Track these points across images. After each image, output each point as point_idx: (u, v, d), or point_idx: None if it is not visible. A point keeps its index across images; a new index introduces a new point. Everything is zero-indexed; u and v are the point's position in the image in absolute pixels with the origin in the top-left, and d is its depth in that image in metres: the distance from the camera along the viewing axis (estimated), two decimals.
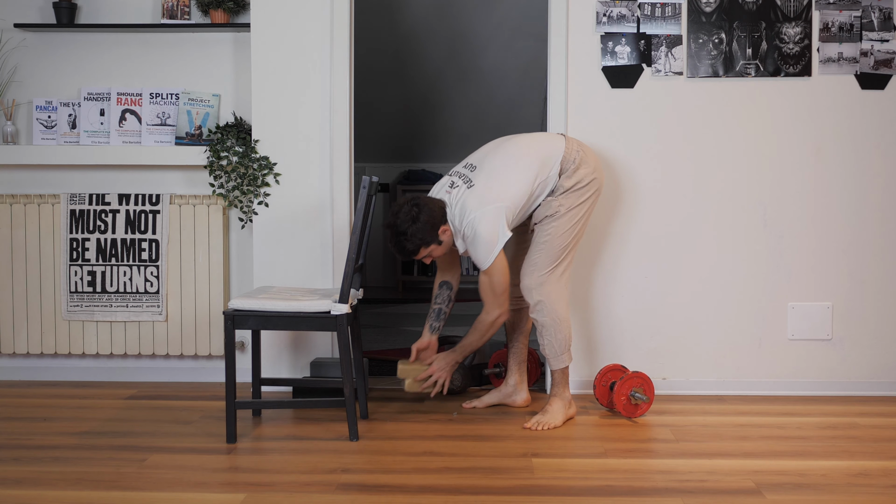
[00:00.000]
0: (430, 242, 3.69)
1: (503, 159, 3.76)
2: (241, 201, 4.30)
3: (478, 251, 3.66)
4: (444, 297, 3.96)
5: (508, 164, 3.73)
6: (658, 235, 4.24)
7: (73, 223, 4.41)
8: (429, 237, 3.67)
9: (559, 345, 3.79)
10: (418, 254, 3.70)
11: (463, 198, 3.69)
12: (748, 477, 3.17)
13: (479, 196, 3.66)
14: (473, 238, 3.65)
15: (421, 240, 3.66)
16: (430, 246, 3.70)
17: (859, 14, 4.14)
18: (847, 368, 4.25)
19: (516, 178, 3.70)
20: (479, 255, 3.66)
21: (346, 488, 3.06)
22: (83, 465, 3.29)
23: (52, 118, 4.40)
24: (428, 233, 3.66)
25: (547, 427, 3.71)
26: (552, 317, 3.76)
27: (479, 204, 3.65)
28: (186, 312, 4.40)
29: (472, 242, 3.66)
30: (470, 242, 3.67)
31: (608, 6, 4.16)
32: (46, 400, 4.18)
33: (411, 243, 3.67)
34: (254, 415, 3.90)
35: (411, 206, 3.66)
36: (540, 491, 3.04)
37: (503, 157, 3.77)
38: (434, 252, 3.73)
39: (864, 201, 4.21)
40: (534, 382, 4.30)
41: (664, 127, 4.21)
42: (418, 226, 3.64)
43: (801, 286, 4.24)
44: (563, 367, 3.81)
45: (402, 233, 3.65)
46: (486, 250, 3.64)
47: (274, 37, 4.24)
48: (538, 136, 3.95)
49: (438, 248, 3.73)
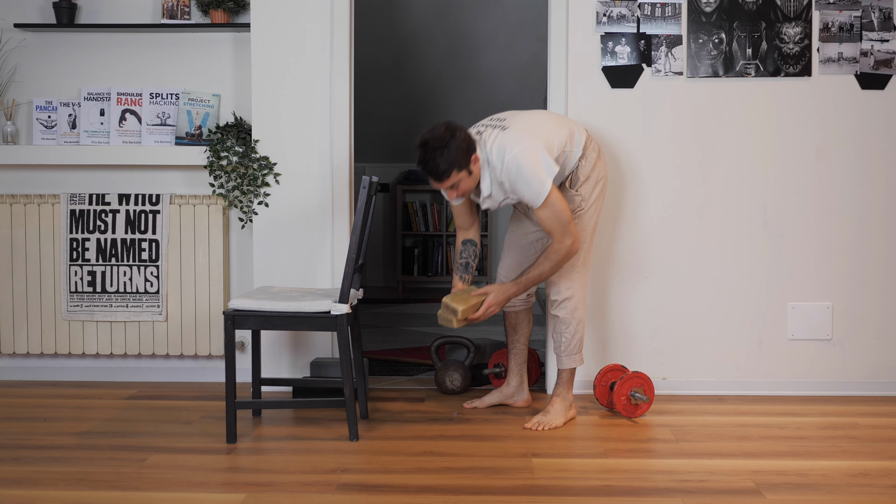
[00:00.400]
0: (462, 167, 3.46)
1: (535, 115, 3.70)
2: (241, 201, 4.30)
3: (529, 185, 3.46)
4: (470, 253, 3.82)
5: (540, 121, 3.66)
6: (658, 235, 4.24)
7: (73, 223, 4.41)
8: (463, 160, 3.45)
9: (576, 344, 3.79)
10: (449, 177, 3.46)
11: (499, 138, 3.52)
12: (748, 477, 3.17)
13: (517, 136, 3.50)
14: (518, 174, 3.45)
15: (455, 160, 3.43)
16: (461, 171, 3.47)
17: (859, 14, 4.14)
18: (847, 368, 4.26)
19: (549, 131, 3.59)
20: (531, 189, 3.46)
21: (346, 488, 3.06)
22: (83, 465, 3.29)
23: (52, 118, 4.40)
24: (462, 155, 3.44)
25: (548, 427, 3.71)
26: (576, 315, 3.77)
27: (519, 142, 3.48)
28: (186, 312, 4.40)
29: (518, 179, 3.46)
30: (516, 179, 3.47)
31: (608, 6, 4.16)
32: (46, 400, 4.18)
33: (445, 162, 3.42)
34: (254, 415, 3.90)
35: (447, 127, 3.45)
36: (540, 491, 3.04)
37: (534, 114, 3.71)
38: (462, 183, 3.51)
39: (865, 201, 4.21)
40: (534, 382, 4.30)
41: (664, 127, 4.21)
42: (455, 143, 3.42)
43: (801, 286, 4.24)
44: (574, 368, 3.82)
45: (437, 148, 3.41)
46: (538, 181, 3.45)
47: (274, 37, 4.25)
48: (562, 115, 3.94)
49: (467, 179, 3.50)
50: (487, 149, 3.54)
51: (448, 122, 3.51)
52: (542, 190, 3.46)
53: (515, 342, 4.01)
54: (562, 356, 3.82)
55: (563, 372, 3.83)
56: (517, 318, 3.99)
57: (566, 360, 3.81)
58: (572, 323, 3.78)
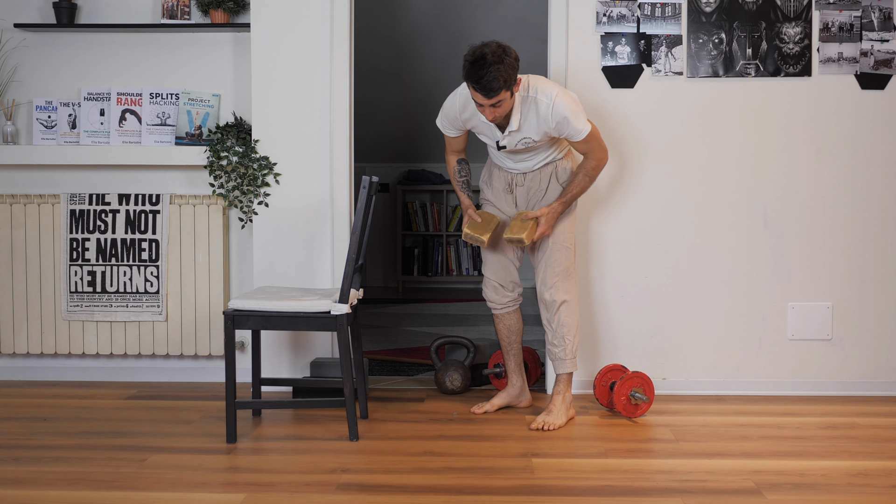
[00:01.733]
0: (510, 87, 3.48)
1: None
2: (241, 201, 4.30)
3: (575, 121, 3.60)
4: (466, 170, 3.97)
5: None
6: (658, 235, 4.24)
7: (73, 223, 4.41)
8: (513, 79, 3.48)
9: (575, 348, 3.84)
10: (499, 94, 3.46)
11: (535, 80, 3.64)
12: (748, 477, 3.17)
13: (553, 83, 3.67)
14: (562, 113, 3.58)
15: (510, 77, 3.46)
16: (510, 90, 3.50)
17: (859, 14, 4.14)
18: (847, 368, 4.26)
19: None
20: (578, 125, 3.60)
21: (346, 488, 3.06)
22: (83, 465, 3.29)
23: (52, 118, 4.40)
24: (514, 74, 3.48)
25: (553, 427, 3.71)
26: (575, 318, 3.82)
27: (553, 85, 3.64)
28: (186, 312, 4.40)
29: (561, 116, 3.58)
30: (559, 116, 3.58)
31: (608, 6, 4.16)
32: (46, 400, 4.18)
33: (501, 78, 3.42)
34: (254, 415, 3.90)
35: (498, 44, 3.48)
36: (540, 491, 3.04)
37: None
38: (503, 104, 3.52)
39: (865, 201, 4.21)
40: (534, 382, 4.29)
41: (664, 127, 4.21)
42: (509, 61, 3.45)
43: (801, 286, 4.24)
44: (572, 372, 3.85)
45: (494, 63, 3.41)
46: (581, 117, 3.62)
47: (274, 37, 4.25)
48: None
49: (508, 101, 3.53)
50: (530, 86, 3.61)
51: (498, 43, 3.51)
52: (586, 123, 3.64)
53: (513, 343, 4.00)
54: (565, 360, 3.83)
55: (562, 374, 3.85)
56: (510, 318, 3.97)
57: (569, 364, 3.83)
58: (574, 327, 3.81)
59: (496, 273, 3.93)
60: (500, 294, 3.93)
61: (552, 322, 3.82)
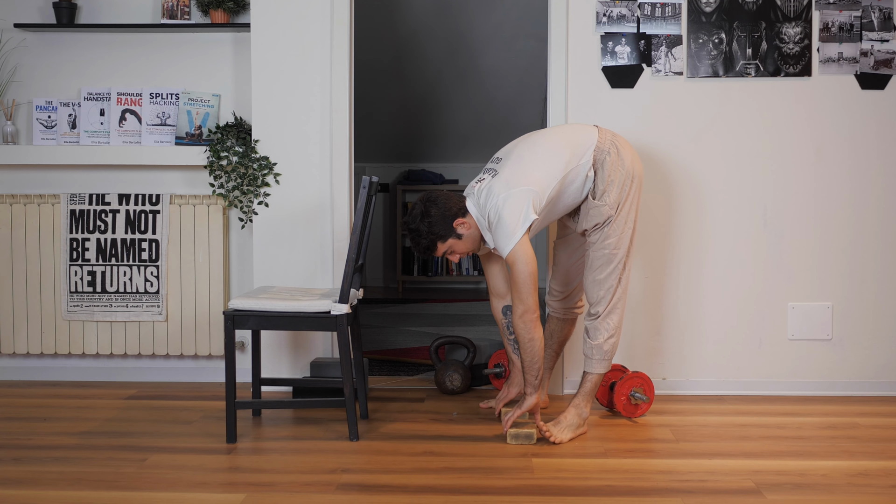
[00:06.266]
0: (446, 237, 3.55)
1: (530, 147, 3.62)
2: (241, 201, 4.30)
3: (499, 235, 3.45)
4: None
5: (536, 151, 3.59)
6: (658, 235, 4.24)
7: (73, 223, 4.41)
8: (443, 231, 3.54)
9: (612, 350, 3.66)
10: (436, 250, 3.57)
11: (489, 185, 3.53)
12: (748, 477, 3.17)
13: (505, 181, 3.49)
14: (497, 222, 3.45)
15: (435, 234, 3.54)
16: (447, 240, 3.56)
17: (859, 14, 4.14)
18: (847, 368, 4.26)
19: (543, 163, 3.53)
20: (500, 239, 3.44)
21: (346, 488, 3.06)
22: (83, 465, 3.29)
23: (52, 118, 4.40)
24: (441, 226, 3.53)
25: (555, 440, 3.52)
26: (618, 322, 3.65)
27: (505, 188, 3.47)
28: (186, 312, 4.40)
29: (495, 227, 3.46)
30: (494, 228, 3.47)
31: (608, 6, 4.16)
32: (46, 400, 4.18)
33: (425, 239, 3.55)
34: (254, 415, 3.90)
35: (423, 202, 3.57)
36: (540, 491, 3.04)
37: (530, 146, 3.62)
38: (456, 247, 3.58)
39: (865, 201, 4.21)
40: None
41: (664, 127, 4.21)
42: (430, 220, 3.53)
43: (801, 286, 4.24)
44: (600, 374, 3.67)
45: (415, 230, 3.56)
46: (509, 233, 3.41)
47: (274, 37, 4.25)
48: (569, 125, 3.82)
49: (459, 242, 3.57)
50: (479, 199, 3.55)
51: (425, 196, 3.59)
52: (509, 243, 3.42)
53: (548, 348, 3.94)
54: (596, 360, 3.65)
55: (592, 378, 3.67)
56: (558, 325, 3.93)
57: (601, 365, 3.65)
58: (617, 330, 3.64)
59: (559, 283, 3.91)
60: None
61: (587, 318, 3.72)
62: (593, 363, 3.66)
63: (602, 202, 3.58)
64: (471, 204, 3.58)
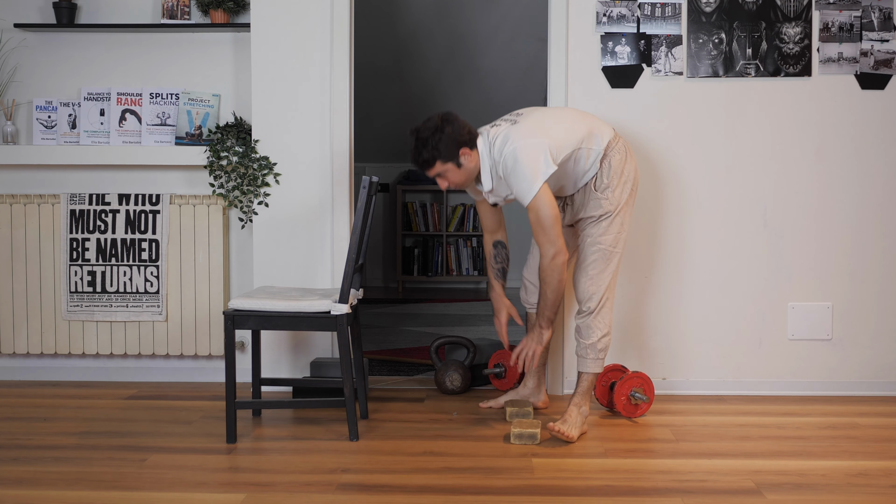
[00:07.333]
0: (447, 159, 3.49)
1: (552, 112, 3.68)
2: (241, 201, 4.30)
3: (519, 182, 3.40)
4: (503, 257, 3.86)
5: (557, 117, 3.61)
6: (657, 235, 4.24)
7: (73, 223, 4.41)
8: (447, 153, 3.47)
9: (605, 349, 3.68)
10: (432, 167, 3.51)
11: (506, 131, 3.50)
12: (748, 477, 3.17)
13: (524, 130, 3.47)
14: (514, 167, 3.40)
15: (439, 152, 3.47)
16: (446, 163, 3.50)
17: (859, 14, 4.14)
18: (847, 368, 4.26)
19: (563, 129, 3.53)
20: (522, 186, 3.40)
21: (346, 488, 3.06)
22: (83, 465, 3.29)
23: (52, 118, 4.40)
24: (448, 147, 3.46)
25: (565, 437, 3.52)
26: (610, 319, 3.67)
27: (523, 136, 3.44)
28: (186, 312, 4.40)
29: (511, 172, 3.42)
30: (510, 173, 3.43)
31: (608, 6, 4.16)
32: (46, 400, 4.17)
33: (427, 151, 3.47)
34: (254, 415, 3.90)
35: (441, 118, 3.49)
36: (540, 491, 3.04)
37: (552, 111, 3.70)
38: (450, 174, 3.53)
39: (865, 201, 4.21)
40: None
41: (664, 127, 4.21)
42: (441, 136, 3.45)
43: (801, 286, 4.24)
44: (594, 374, 3.68)
45: (423, 140, 3.48)
46: (530, 179, 3.38)
47: (274, 37, 4.25)
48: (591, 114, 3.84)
49: (456, 171, 3.52)
50: (491, 141, 3.54)
51: (445, 114, 3.54)
52: (532, 189, 3.40)
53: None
54: (588, 360, 3.67)
55: (587, 378, 3.69)
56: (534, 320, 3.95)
57: (594, 365, 3.66)
58: (608, 328, 3.66)
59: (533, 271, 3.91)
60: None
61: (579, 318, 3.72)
62: (588, 363, 3.68)
63: (604, 196, 3.61)
64: (482, 142, 3.56)
